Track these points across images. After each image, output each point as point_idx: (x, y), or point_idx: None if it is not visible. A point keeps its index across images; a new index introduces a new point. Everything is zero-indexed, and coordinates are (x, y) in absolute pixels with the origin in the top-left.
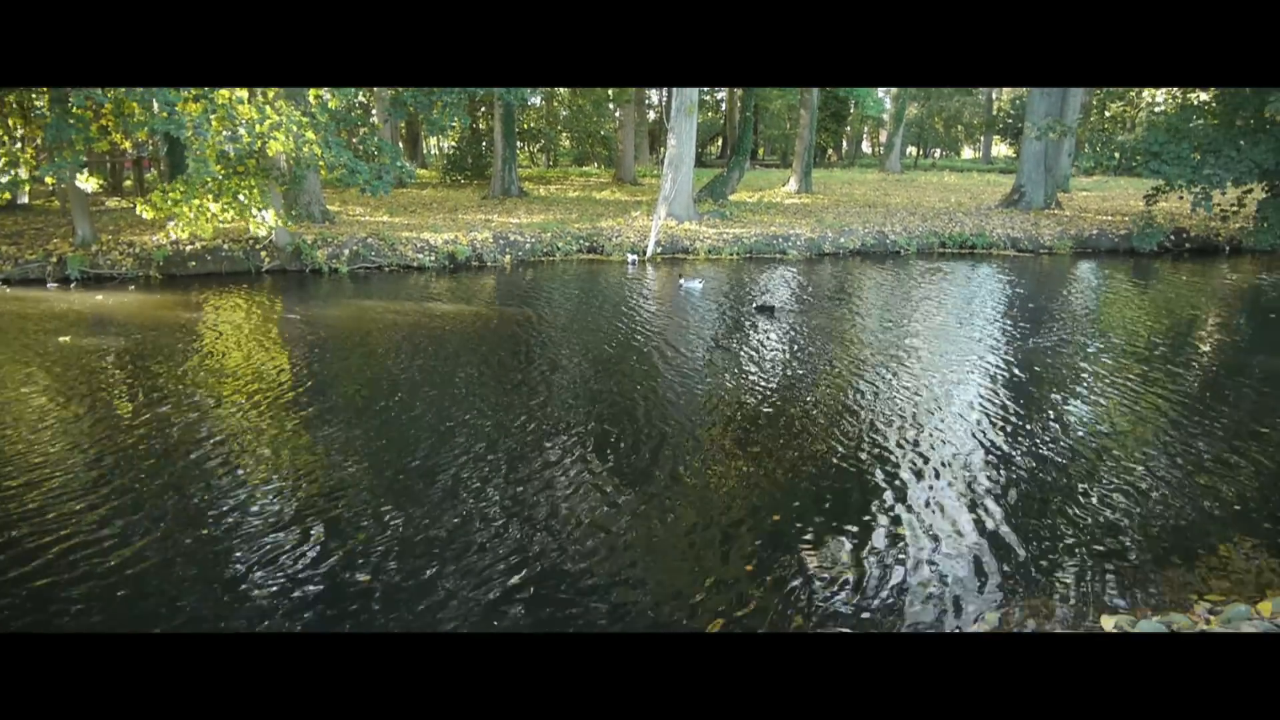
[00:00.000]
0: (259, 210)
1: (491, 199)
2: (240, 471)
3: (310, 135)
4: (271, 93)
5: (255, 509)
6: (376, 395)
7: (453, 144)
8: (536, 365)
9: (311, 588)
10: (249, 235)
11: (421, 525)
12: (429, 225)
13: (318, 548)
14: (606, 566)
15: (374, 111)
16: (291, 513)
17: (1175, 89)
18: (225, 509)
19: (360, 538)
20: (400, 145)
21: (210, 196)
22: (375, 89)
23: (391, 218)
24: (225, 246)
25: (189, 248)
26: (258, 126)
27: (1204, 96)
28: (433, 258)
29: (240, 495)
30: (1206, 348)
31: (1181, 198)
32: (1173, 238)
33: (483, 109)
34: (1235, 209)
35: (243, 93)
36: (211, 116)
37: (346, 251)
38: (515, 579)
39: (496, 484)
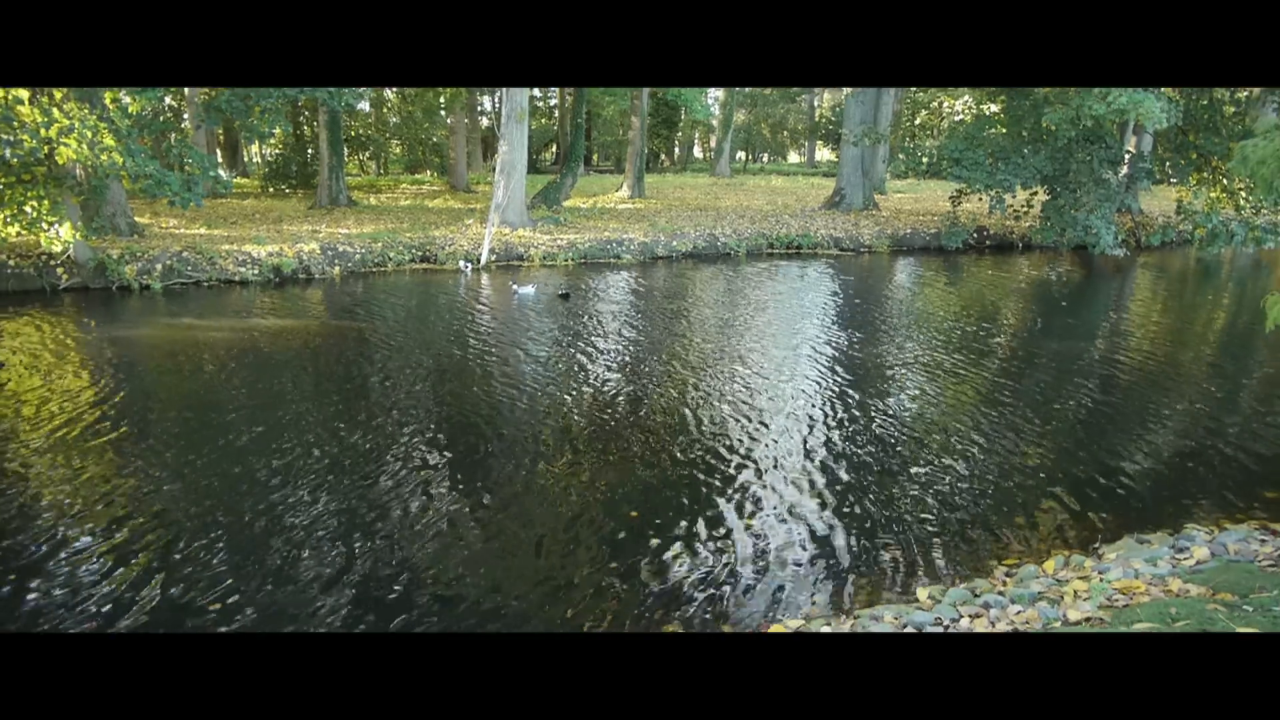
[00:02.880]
0: (50, 224)
1: (319, 209)
2: (40, 509)
3: (109, 141)
4: (59, 94)
5: (56, 545)
6: (198, 419)
7: (276, 151)
8: (370, 379)
9: (128, 621)
10: (42, 250)
11: (255, 548)
12: (251, 237)
13: (132, 581)
14: (458, 577)
15: (185, 116)
16: (102, 547)
17: (970, 100)
18: (19, 550)
19: (184, 567)
20: (218, 153)
21: None
22: (185, 92)
23: (210, 230)
24: (11, 263)
25: None
26: (43, 131)
27: (994, 108)
28: (256, 271)
29: (38, 532)
30: (1007, 335)
31: (981, 199)
32: (975, 235)
33: (305, 114)
34: (1025, 210)
35: (23, 93)
36: None
37: (159, 266)
38: (360, 598)
39: (334, 502)
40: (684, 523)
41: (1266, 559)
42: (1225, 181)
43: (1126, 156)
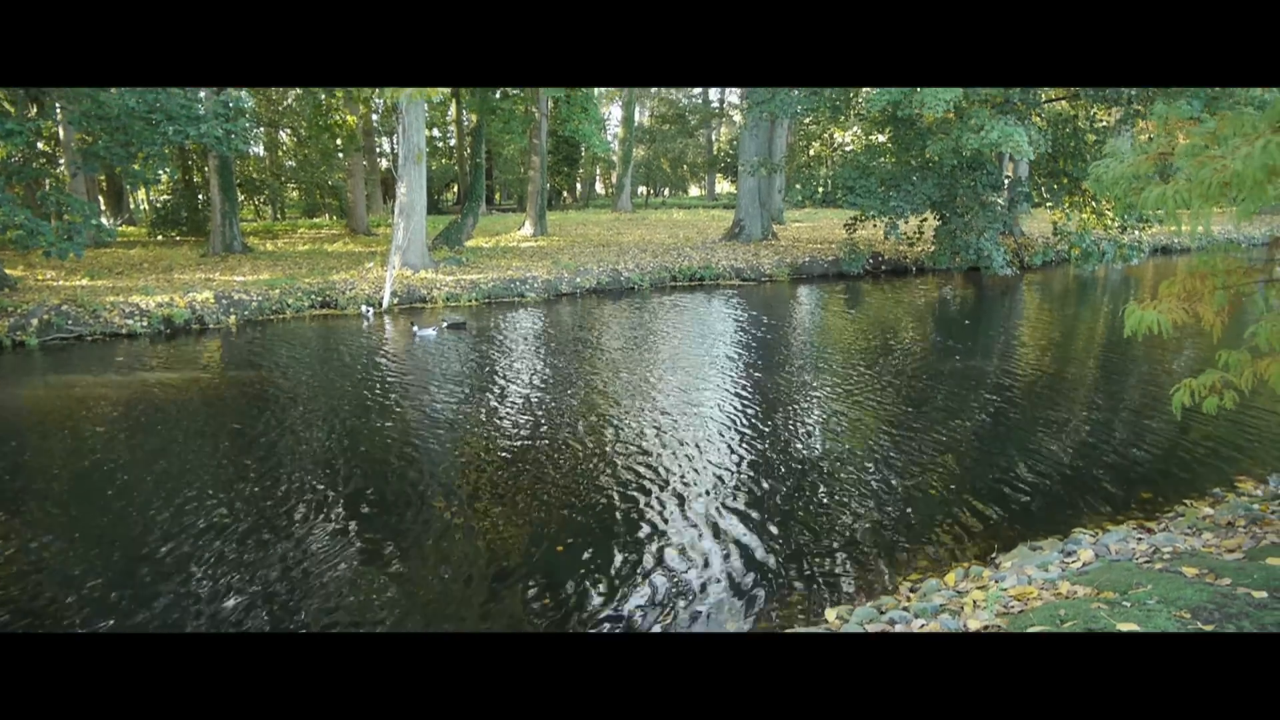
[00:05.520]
0: None
1: (212, 256)
2: None
3: None
4: None
5: None
6: (85, 484)
7: (165, 197)
8: (273, 430)
9: None
10: None
11: (146, 616)
12: (139, 287)
13: None
14: (372, 624)
15: (61, 161)
16: None
17: (859, 131)
18: None
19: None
20: (100, 200)
21: None
22: (60, 137)
23: (93, 281)
24: None
25: None
26: None
27: (882, 138)
28: (145, 323)
29: None
30: (909, 355)
31: (875, 226)
32: (872, 261)
33: (194, 158)
34: (918, 235)
35: None
36: None
37: (34, 321)
38: None
39: (242, 565)
40: (592, 555)
41: (1142, 556)
42: (1094, 204)
43: (1006, 182)
